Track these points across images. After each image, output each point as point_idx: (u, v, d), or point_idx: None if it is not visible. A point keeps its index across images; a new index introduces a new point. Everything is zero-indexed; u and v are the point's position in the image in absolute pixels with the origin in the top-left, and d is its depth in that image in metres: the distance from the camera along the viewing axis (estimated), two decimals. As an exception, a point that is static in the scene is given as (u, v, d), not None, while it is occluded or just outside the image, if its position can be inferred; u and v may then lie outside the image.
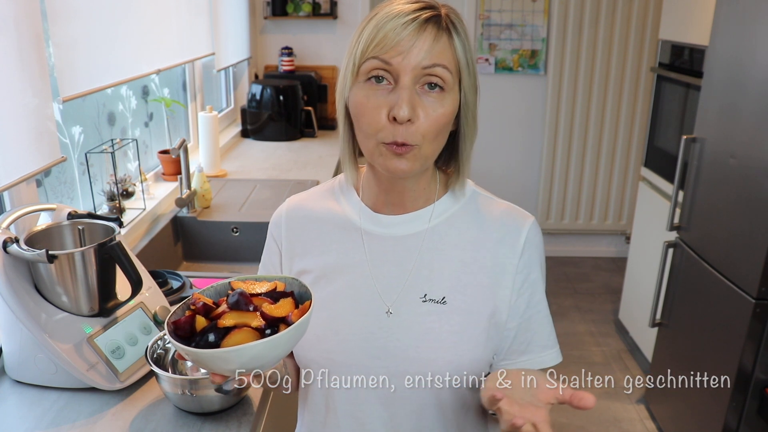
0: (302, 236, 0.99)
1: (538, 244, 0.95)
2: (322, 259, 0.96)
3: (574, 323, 3.42)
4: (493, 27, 3.77)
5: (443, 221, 0.94)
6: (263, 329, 0.72)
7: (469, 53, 0.87)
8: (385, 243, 0.94)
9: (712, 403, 2.10)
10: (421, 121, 0.83)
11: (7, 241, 1.11)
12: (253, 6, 3.49)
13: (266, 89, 3.14)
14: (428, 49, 0.82)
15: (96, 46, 1.66)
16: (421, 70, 0.82)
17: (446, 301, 0.90)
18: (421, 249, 0.93)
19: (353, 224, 0.96)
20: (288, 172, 2.66)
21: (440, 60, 0.83)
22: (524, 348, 0.95)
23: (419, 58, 0.81)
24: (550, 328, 0.97)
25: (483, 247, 0.93)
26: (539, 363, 0.95)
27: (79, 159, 1.79)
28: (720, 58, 2.14)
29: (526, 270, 0.93)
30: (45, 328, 1.12)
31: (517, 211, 0.96)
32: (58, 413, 1.11)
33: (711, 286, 2.14)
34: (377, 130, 0.84)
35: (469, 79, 0.87)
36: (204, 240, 2.13)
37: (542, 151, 3.98)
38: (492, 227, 0.93)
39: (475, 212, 0.95)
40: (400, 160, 0.84)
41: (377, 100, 0.83)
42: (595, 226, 4.13)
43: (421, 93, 0.83)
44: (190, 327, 0.73)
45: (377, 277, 0.93)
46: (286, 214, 1.01)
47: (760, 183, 1.86)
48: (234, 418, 1.10)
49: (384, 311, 0.91)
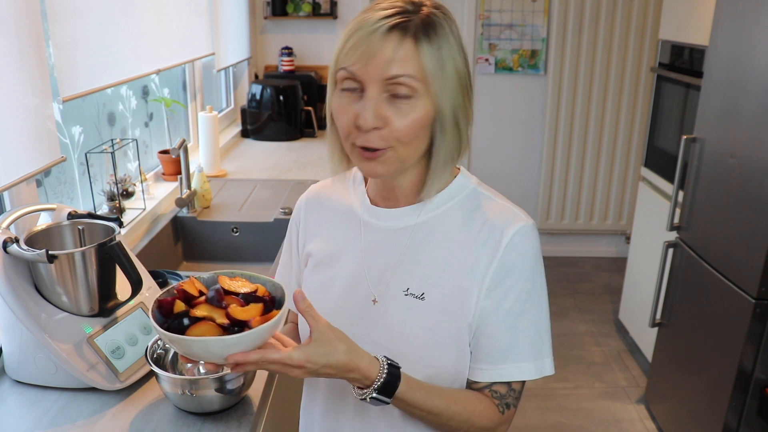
0: (315, 222, 1.04)
1: (526, 250, 0.90)
2: (326, 245, 1.01)
3: (574, 323, 3.42)
4: (493, 27, 3.77)
5: (431, 218, 0.94)
6: (226, 327, 0.77)
7: (447, 58, 0.84)
8: (379, 235, 0.97)
9: (712, 403, 2.10)
10: (394, 125, 0.84)
11: (7, 241, 1.11)
12: (253, 6, 3.49)
13: (266, 89, 3.14)
14: (389, 59, 0.81)
15: (96, 46, 1.66)
16: (386, 80, 0.82)
17: (425, 297, 0.91)
18: (408, 244, 0.94)
19: (356, 214, 1.00)
20: (288, 172, 2.66)
21: (404, 69, 0.82)
22: (483, 355, 0.91)
23: (380, 68, 0.82)
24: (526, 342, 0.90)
25: (466, 248, 0.91)
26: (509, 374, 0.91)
27: (79, 159, 1.79)
28: (720, 58, 2.14)
29: (501, 273, 0.89)
30: (45, 328, 1.12)
31: (509, 213, 0.93)
32: (58, 413, 1.11)
33: (711, 286, 2.14)
34: (348, 133, 0.87)
35: (443, 85, 0.84)
36: (204, 240, 2.13)
37: (542, 151, 3.98)
38: (479, 228, 0.92)
39: (469, 211, 0.94)
40: (373, 163, 0.87)
41: (348, 107, 0.86)
42: (595, 226, 4.13)
43: (390, 100, 0.84)
44: (170, 309, 0.80)
45: (369, 266, 0.96)
46: (305, 200, 1.08)
47: (760, 183, 1.86)
48: (234, 418, 1.10)
49: (371, 300, 0.94)
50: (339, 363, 0.81)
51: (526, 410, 2.72)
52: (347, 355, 0.81)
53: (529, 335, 0.91)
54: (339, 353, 0.81)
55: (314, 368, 0.79)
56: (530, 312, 0.91)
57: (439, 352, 0.90)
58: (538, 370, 0.92)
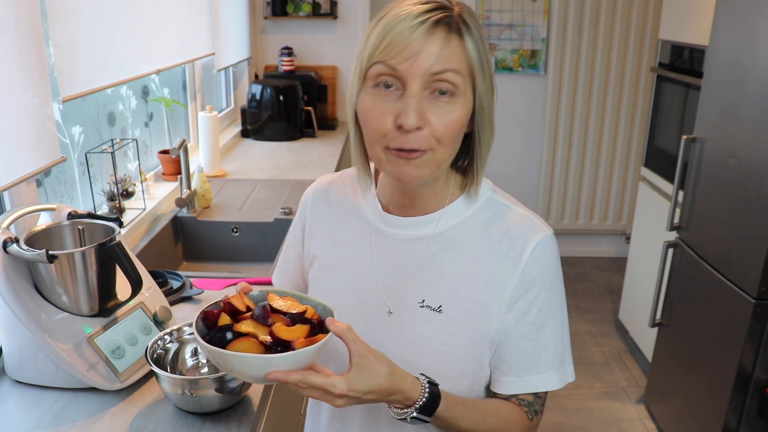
0: (321, 221, 1.00)
1: (547, 261, 0.89)
2: (333, 248, 0.98)
3: (574, 323, 3.42)
4: (493, 27, 3.77)
5: (450, 228, 0.91)
6: (269, 346, 0.75)
7: (483, 54, 0.82)
8: (392, 243, 0.93)
9: (712, 403, 2.10)
10: (434, 126, 0.80)
11: (7, 241, 1.11)
12: (253, 6, 3.49)
13: (266, 89, 3.14)
14: (438, 54, 0.78)
15: (96, 46, 1.66)
16: (431, 76, 0.78)
17: (442, 309, 0.89)
18: (424, 254, 0.91)
19: (366, 219, 0.96)
20: (288, 172, 2.66)
21: (451, 64, 0.79)
22: (508, 368, 0.89)
23: (428, 64, 0.78)
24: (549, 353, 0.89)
25: (485, 261, 0.89)
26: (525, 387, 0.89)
27: (79, 159, 1.79)
28: (720, 58, 2.14)
29: (525, 286, 0.88)
30: (45, 328, 1.12)
31: (529, 223, 0.90)
32: (58, 413, 1.11)
33: (711, 286, 2.14)
34: (383, 135, 0.81)
35: (483, 81, 0.83)
36: (204, 240, 2.13)
37: (542, 151, 3.98)
38: (498, 239, 0.89)
39: (487, 221, 0.91)
40: (409, 166, 0.82)
41: (384, 107, 0.80)
42: (595, 226, 4.13)
43: (431, 98, 0.80)
44: (215, 321, 0.79)
45: (382, 275, 0.92)
46: (312, 196, 1.04)
47: (760, 183, 1.86)
48: (234, 418, 1.10)
49: (386, 310, 0.91)
50: (382, 388, 0.77)
51: (526, 410, 2.72)
52: (390, 378, 0.77)
53: (553, 345, 0.90)
54: (381, 377, 0.77)
55: (357, 396, 0.76)
56: (553, 321, 0.90)
57: (456, 365, 0.89)
58: (561, 378, 0.91)
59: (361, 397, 0.76)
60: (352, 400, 0.76)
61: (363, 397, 0.76)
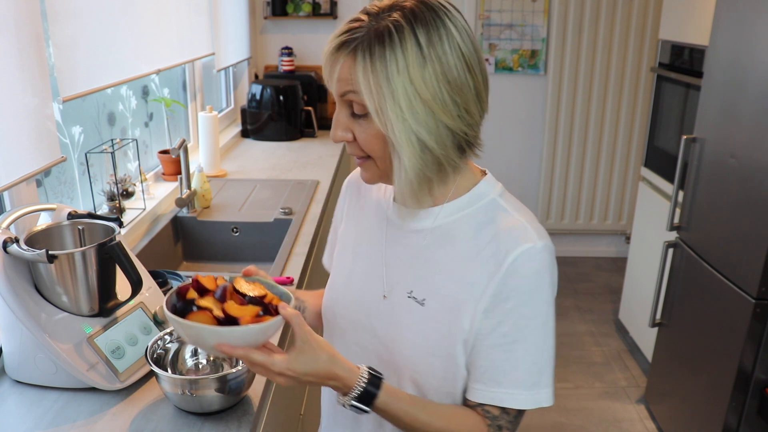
0: (351, 205, 1.08)
1: (528, 274, 0.85)
2: (354, 231, 1.05)
3: (574, 323, 3.42)
4: (493, 27, 3.77)
5: (446, 224, 0.92)
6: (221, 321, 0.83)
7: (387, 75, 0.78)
8: (398, 232, 0.97)
9: (712, 403, 2.10)
10: (359, 141, 0.86)
11: (7, 241, 1.11)
12: (253, 6, 3.49)
13: (266, 89, 3.14)
14: (336, 77, 0.83)
15: (96, 46, 1.66)
16: (338, 96, 0.85)
17: (425, 303, 0.91)
18: (419, 247, 0.94)
19: (382, 209, 1.01)
20: (288, 172, 2.66)
21: (346, 86, 0.82)
22: (478, 375, 0.88)
23: (333, 86, 0.85)
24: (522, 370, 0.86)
25: (472, 263, 0.88)
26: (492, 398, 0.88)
27: (79, 159, 1.79)
28: (720, 58, 2.14)
29: (502, 295, 0.85)
30: (45, 328, 1.12)
31: (520, 231, 0.87)
32: (58, 413, 1.11)
33: (711, 286, 2.14)
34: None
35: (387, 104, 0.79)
36: (204, 240, 2.13)
37: (542, 151, 3.99)
38: (486, 242, 0.88)
39: (482, 223, 0.90)
40: (362, 170, 0.91)
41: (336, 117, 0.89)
42: (595, 226, 4.13)
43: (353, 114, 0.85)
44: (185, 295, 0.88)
45: (386, 262, 0.97)
46: (348, 183, 1.11)
47: (760, 183, 1.86)
48: (234, 418, 1.10)
49: (382, 294, 0.96)
50: (319, 372, 0.82)
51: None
52: (328, 364, 0.82)
53: (526, 364, 0.87)
54: (320, 361, 0.82)
55: (295, 376, 0.81)
56: (528, 340, 0.86)
57: (427, 359, 0.90)
58: (533, 400, 0.88)
59: (299, 377, 0.81)
60: (291, 380, 0.82)
61: (301, 378, 0.81)
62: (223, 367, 1.21)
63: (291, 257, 1.84)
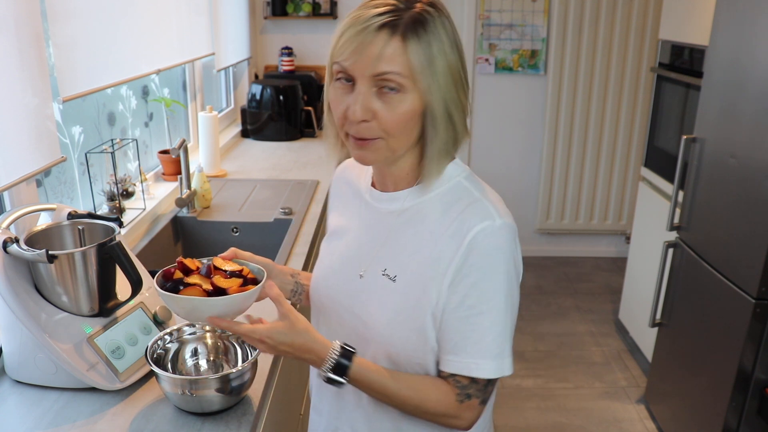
0: (338, 195, 1.15)
1: (490, 249, 0.91)
2: (339, 218, 1.11)
3: (574, 323, 3.43)
4: (493, 27, 3.77)
5: (414, 206, 0.98)
6: (210, 293, 0.95)
7: (437, 54, 0.87)
8: (374, 215, 1.03)
9: (712, 403, 2.11)
10: (381, 119, 0.88)
11: (7, 241, 1.11)
12: (253, 6, 3.49)
13: (266, 89, 3.14)
14: (377, 57, 0.85)
15: (96, 46, 1.66)
16: (372, 76, 0.87)
17: (396, 279, 0.96)
18: (391, 227, 1.00)
19: (361, 194, 1.07)
20: (288, 172, 2.66)
21: (390, 67, 0.85)
22: (450, 347, 0.93)
23: (369, 64, 0.86)
24: (488, 340, 0.92)
25: (435, 240, 0.94)
26: (461, 368, 0.93)
27: (79, 159, 1.79)
28: (720, 58, 2.14)
29: (465, 270, 0.91)
30: (45, 328, 1.12)
31: (482, 209, 0.93)
32: (58, 413, 1.11)
33: (711, 286, 2.14)
34: (341, 123, 0.92)
35: (431, 81, 0.87)
36: (204, 240, 2.13)
37: (542, 151, 3.98)
38: (450, 221, 0.94)
39: (448, 203, 0.96)
40: (363, 151, 0.92)
41: (341, 99, 0.91)
42: (595, 226, 4.13)
43: (380, 94, 0.88)
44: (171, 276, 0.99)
45: (363, 243, 1.03)
46: (336, 174, 1.17)
47: (760, 183, 1.86)
48: (234, 418, 1.10)
49: (358, 274, 1.02)
50: (295, 343, 0.91)
51: (526, 410, 2.72)
52: (302, 337, 0.91)
53: (492, 335, 0.92)
54: (296, 334, 0.91)
55: (273, 344, 0.91)
56: (495, 311, 0.92)
57: (398, 334, 0.96)
58: (498, 369, 0.93)
59: (276, 346, 0.91)
60: (270, 348, 0.92)
61: (279, 346, 0.91)
62: (223, 367, 1.21)
63: (291, 257, 1.84)
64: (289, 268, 1.17)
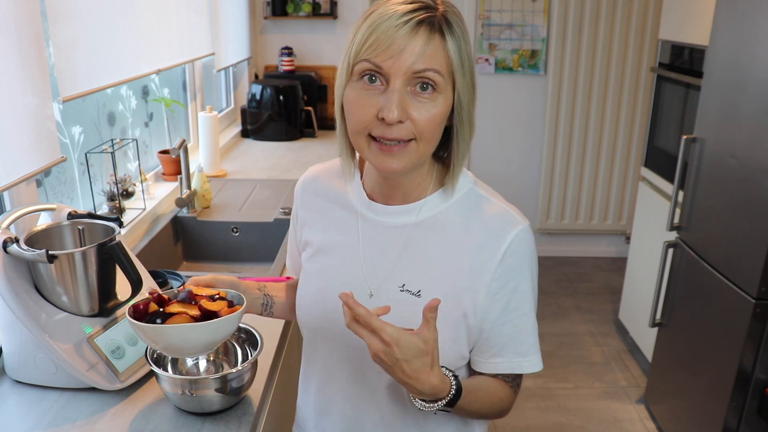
0: (311, 209, 1.06)
1: (524, 252, 0.93)
2: (323, 234, 1.03)
3: (574, 323, 3.42)
4: (493, 27, 3.77)
5: (431, 217, 0.95)
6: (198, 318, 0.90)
7: (464, 53, 0.86)
8: (376, 229, 0.98)
9: (712, 403, 2.10)
10: (415, 120, 0.84)
11: (7, 241, 1.11)
12: (253, 6, 3.49)
13: (266, 89, 3.14)
14: (419, 53, 0.82)
15: (96, 46, 1.66)
16: (413, 74, 0.83)
17: (421, 294, 0.93)
18: (406, 241, 0.95)
19: (353, 207, 1.00)
20: (288, 172, 2.66)
21: (432, 64, 0.83)
22: (496, 351, 0.95)
23: (410, 62, 0.82)
24: (531, 337, 0.96)
25: (463, 250, 0.93)
26: (513, 367, 0.96)
27: (79, 159, 1.79)
28: (720, 58, 2.14)
29: (504, 277, 0.92)
30: (45, 328, 1.12)
31: (507, 215, 0.94)
32: (58, 413, 1.11)
33: (711, 286, 2.14)
34: (366, 126, 0.86)
35: (463, 80, 0.87)
36: (204, 240, 2.13)
37: (542, 151, 3.98)
38: (477, 230, 0.93)
39: (467, 211, 0.95)
40: (392, 158, 0.86)
41: (368, 100, 0.85)
42: (595, 226, 4.13)
43: (413, 94, 0.84)
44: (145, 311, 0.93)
45: (366, 259, 0.97)
46: (302, 185, 1.08)
47: (760, 183, 1.86)
48: (234, 418, 1.10)
49: (367, 293, 0.96)
50: (416, 369, 0.80)
51: (526, 410, 2.72)
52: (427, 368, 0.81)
53: (534, 331, 0.96)
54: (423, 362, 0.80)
55: (395, 356, 0.78)
56: (533, 311, 0.96)
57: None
58: (540, 360, 0.98)
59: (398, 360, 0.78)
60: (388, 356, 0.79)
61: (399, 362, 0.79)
62: (223, 367, 1.21)
63: (291, 257, 1.83)
64: (253, 282, 1.11)
